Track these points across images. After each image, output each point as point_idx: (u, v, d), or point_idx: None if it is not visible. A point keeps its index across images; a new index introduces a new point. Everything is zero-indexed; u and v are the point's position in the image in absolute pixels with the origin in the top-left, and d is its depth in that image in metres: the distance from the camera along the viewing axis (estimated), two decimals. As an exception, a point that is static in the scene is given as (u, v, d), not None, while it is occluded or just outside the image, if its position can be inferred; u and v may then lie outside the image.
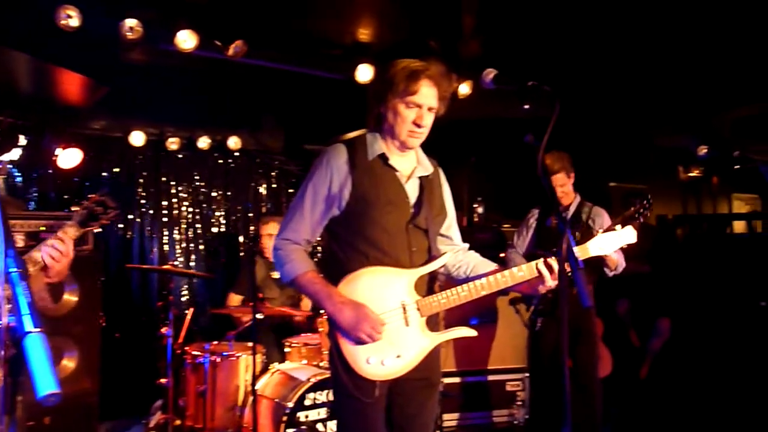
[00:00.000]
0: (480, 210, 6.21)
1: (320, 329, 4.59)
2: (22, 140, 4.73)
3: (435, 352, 2.54)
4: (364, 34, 4.66)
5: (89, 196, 2.59)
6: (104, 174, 6.10)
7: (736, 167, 6.81)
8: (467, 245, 2.80)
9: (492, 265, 2.64)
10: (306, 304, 5.33)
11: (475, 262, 2.70)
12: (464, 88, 5.29)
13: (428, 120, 2.46)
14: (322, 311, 4.64)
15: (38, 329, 1.00)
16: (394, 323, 2.41)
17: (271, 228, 5.19)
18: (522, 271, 2.45)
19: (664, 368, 6.53)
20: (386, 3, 4.18)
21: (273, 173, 6.81)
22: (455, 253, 2.74)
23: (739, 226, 8.16)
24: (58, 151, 5.06)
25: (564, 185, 4.35)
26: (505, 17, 2.16)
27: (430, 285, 2.54)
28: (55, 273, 2.41)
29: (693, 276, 6.70)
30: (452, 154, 2.80)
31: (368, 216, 2.44)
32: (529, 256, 4.33)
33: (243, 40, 4.42)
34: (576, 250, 2.41)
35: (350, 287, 2.43)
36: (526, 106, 2.03)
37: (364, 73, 4.88)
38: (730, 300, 6.02)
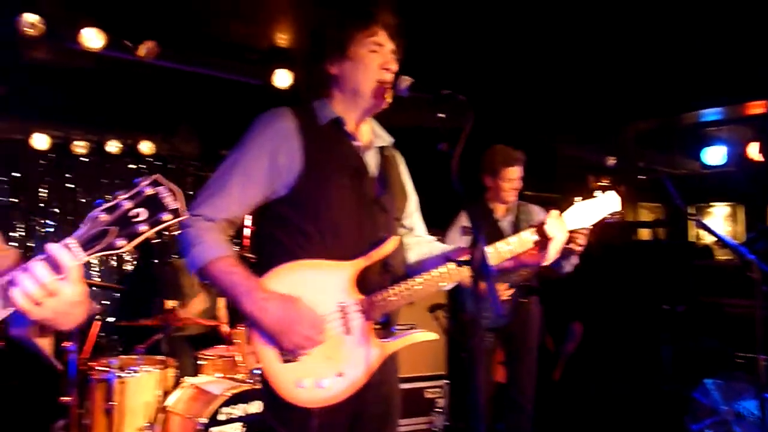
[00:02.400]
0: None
1: (236, 341, 4.46)
2: None
3: (391, 368, 2.06)
4: (281, 38, 4.60)
5: (137, 181, 1.41)
6: (3, 179, 5.75)
7: (641, 177, 7.15)
8: (432, 237, 2.34)
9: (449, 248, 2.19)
10: (223, 314, 5.19)
11: (439, 250, 2.23)
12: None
13: (394, 67, 2.02)
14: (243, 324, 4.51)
15: None
16: (331, 331, 1.91)
17: None
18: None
19: (577, 370, 6.76)
20: (304, 8, 4.13)
21: (188, 179, 6.61)
22: (418, 245, 2.25)
23: (644, 234, 8.58)
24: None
25: (519, 179, 4.00)
26: (417, 25, 2.13)
27: (381, 279, 2.02)
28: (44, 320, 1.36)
29: (603, 281, 6.99)
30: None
31: (325, 193, 1.95)
32: None
33: (155, 41, 4.25)
34: (553, 222, 2.12)
35: (275, 284, 1.90)
36: (441, 115, 1.95)
37: (282, 78, 4.82)
38: (636, 304, 6.31)
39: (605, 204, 2.24)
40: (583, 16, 4.26)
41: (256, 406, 3.98)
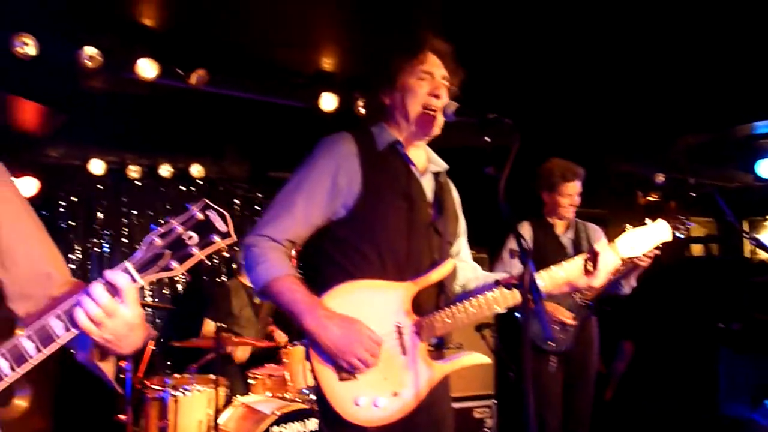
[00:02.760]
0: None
1: (285, 360, 4.52)
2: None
3: (442, 390, 2.08)
4: (327, 63, 4.69)
5: (189, 206, 1.46)
6: (62, 203, 5.97)
7: (692, 193, 7.00)
8: (477, 265, 2.37)
9: (502, 275, 2.20)
10: (280, 335, 5.29)
11: (484, 276, 2.27)
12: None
13: (444, 94, 2.09)
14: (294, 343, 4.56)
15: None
16: (387, 351, 1.94)
17: None
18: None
19: (628, 390, 6.60)
20: (349, 33, 4.21)
21: (237, 201, 6.75)
22: (463, 270, 2.30)
23: (696, 249, 8.35)
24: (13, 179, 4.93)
25: (578, 194, 3.86)
26: (462, 47, 2.16)
27: (437, 301, 2.07)
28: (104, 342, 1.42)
29: (654, 298, 6.82)
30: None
31: (382, 215, 2.02)
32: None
33: (205, 69, 4.39)
34: (606, 249, 2.14)
35: (334, 302, 1.95)
36: (487, 139, 1.97)
37: (328, 101, 4.91)
38: (690, 321, 6.14)
39: (656, 233, 2.27)
40: (632, 29, 4.21)
41: (305, 425, 4.02)
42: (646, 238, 2.24)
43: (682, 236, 3.03)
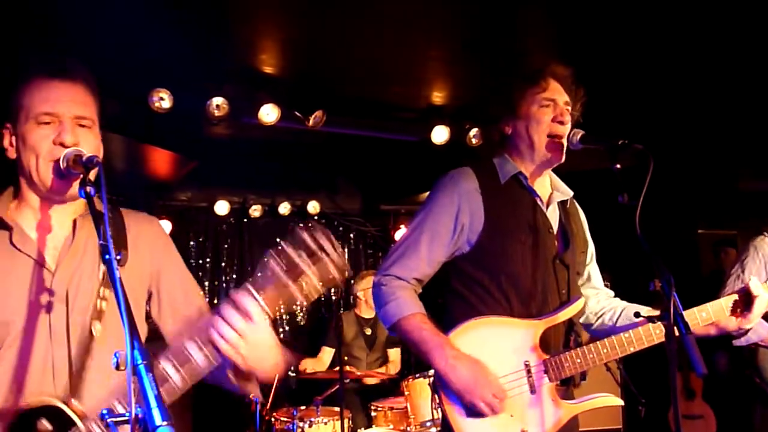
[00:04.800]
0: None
1: (406, 392, 4.52)
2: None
3: (571, 429, 2.04)
4: (438, 96, 4.72)
5: (294, 227, 1.46)
6: (191, 243, 6.35)
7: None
8: (611, 292, 2.31)
9: (643, 309, 2.10)
10: (395, 365, 5.33)
11: (622, 307, 2.19)
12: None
13: (567, 120, 2.06)
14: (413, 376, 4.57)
15: (167, 422, 1.00)
16: (516, 389, 1.95)
17: (366, 283, 5.23)
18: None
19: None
20: (459, 65, 4.23)
21: (351, 235, 6.91)
22: (596, 297, 2.26)
23: None
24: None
25: None
26: (583, 69, 2.10)
27: (566, 339, 2.05)
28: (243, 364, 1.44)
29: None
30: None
31: (506, 250, 2.01)
32: None
33: (322, 110, 4.55)
34: (760, 289, 1.99)
35: (462, 340, 1.97)
36: (618, 166, 1.90)
37: (439, 133, 4.94)
38: None
39: None
40: (762, 41, 3.95)
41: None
42: None
43: None
